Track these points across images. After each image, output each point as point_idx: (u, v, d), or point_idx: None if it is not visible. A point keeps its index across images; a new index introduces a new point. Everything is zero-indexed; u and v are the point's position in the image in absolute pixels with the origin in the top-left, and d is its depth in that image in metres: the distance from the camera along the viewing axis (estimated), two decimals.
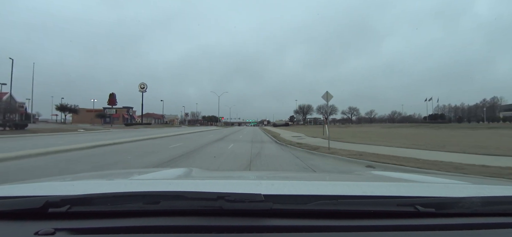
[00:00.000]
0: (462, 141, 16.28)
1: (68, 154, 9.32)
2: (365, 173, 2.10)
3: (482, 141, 16.09)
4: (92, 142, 13.73)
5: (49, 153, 9.08)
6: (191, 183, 1.32)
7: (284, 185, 1.16)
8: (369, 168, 7.11)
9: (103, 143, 13.11)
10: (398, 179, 1.54)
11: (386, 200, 0.87)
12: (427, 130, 37.65)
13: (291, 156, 10.40)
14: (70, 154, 9.47)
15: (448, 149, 10.91)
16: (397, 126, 61.21)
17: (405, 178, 1.60)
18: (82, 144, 12.29)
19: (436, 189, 1.09)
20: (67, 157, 8.69)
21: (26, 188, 1.07)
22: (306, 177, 2.17)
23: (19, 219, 0.79)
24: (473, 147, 11.79)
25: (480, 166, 6.45)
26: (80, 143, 12.80)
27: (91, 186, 1.17)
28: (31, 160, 7.62)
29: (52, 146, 10.89)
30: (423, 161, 7.37)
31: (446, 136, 22.85)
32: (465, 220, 0.82)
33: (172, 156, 9.63)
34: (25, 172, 5.97)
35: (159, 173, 1.79)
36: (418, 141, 16.19)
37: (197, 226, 0.76)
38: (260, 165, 7.91)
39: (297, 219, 0.80)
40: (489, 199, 0.91)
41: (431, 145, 12.62)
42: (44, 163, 7.23)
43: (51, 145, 11.42)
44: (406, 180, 1.47)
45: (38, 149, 9.57)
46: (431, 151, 10.07)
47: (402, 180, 1.47)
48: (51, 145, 11.42)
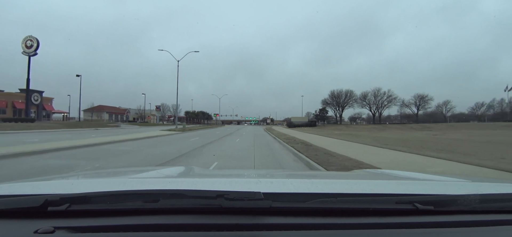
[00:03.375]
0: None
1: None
2: (364, 171, 2.11)
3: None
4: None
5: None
6: (191, 181, 1.32)
7: (283, 183, 1.16)
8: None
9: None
10: (396, 176, 1.54)
11: (384, 198, 0.87)
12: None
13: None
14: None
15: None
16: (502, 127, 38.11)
17: (403, 175, 1.60)
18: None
19: (434, 187, 1.09)
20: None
21: (25, 186, 1.07)
22: (305, 175, 2.18)
23: (18, 217, 0.79)
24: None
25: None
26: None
27: (90, 184, 1.17)
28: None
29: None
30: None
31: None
32: (463, 218, 0.83)
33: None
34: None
35: (158, 171, 1.79)
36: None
37: (197, 224, 0.76)
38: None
39: (296, 217, 0.80)
40: (487, 197, 0.91)
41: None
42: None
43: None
44: (405, 177, 1.47)
45: None
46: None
47: (400, 177, 1.47)
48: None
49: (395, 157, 8.83)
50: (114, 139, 14.98)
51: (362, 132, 32.87)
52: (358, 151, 10.50)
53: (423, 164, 7.20)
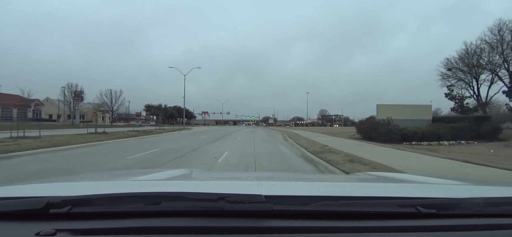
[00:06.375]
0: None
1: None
2: (366, 174, 2.10)
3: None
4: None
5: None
6: (192, 183, 1.32)
7: (285, 186, 1.16)
8: None
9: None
10: (399, 179, 1.53)
11: (387, 201, 0.86)
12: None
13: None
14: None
15: None
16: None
17: (406, 178, 1.59)
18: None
19: (438, 190, 1.08)
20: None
21: (27, 188, 1.07)
22: (307, 178, 2.17)
23: (20, 219, 0.79)
24: None
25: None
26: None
27: (92, 186, 1.17)
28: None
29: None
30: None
31: None
32: (467, 221, 0.82)
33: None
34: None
35: (159, 173, 1.79)
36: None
37: (198, 227, 0.76)
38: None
39: (298, 220, 0.80)
40: (491, 200, 0.90)
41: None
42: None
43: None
44: (407, 180, 1.46)
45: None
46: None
47: (403, 180, 1.47)
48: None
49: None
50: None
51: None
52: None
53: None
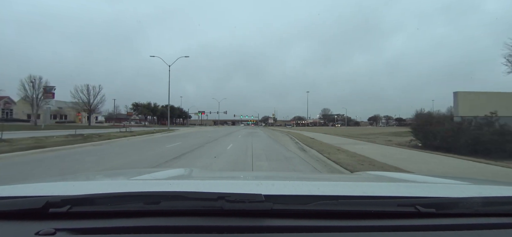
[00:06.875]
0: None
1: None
2: (366, 173, 2.10)
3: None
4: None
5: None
6: (192, 183, 1.32)
7: (284, 185, 1.16)
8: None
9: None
10: (398, 179, 1.54)
11: (386, 200, 0.87)
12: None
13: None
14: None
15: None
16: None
17: (405, 178, 1.59)
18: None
19: (437, 189, 1.08)
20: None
21: (27, 188, 1.07)
22: (307, 178, 2.17)
23: (20, 219, 0.79)
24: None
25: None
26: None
27: (91, 186, 1.17)
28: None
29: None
30: None
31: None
32: (466, 220, 0.82)
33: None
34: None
35: (159, 173, 1.79)
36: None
37: (198, 226, 0.76)
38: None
39: (297, 219, 0.80)
40: (490, 199, 0.91)
41: None
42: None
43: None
44: (406, 180, 1.46)
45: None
46: None
47: (402, 180, 1.47)
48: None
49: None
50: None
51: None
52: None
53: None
